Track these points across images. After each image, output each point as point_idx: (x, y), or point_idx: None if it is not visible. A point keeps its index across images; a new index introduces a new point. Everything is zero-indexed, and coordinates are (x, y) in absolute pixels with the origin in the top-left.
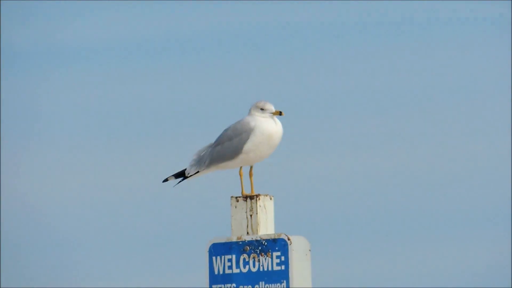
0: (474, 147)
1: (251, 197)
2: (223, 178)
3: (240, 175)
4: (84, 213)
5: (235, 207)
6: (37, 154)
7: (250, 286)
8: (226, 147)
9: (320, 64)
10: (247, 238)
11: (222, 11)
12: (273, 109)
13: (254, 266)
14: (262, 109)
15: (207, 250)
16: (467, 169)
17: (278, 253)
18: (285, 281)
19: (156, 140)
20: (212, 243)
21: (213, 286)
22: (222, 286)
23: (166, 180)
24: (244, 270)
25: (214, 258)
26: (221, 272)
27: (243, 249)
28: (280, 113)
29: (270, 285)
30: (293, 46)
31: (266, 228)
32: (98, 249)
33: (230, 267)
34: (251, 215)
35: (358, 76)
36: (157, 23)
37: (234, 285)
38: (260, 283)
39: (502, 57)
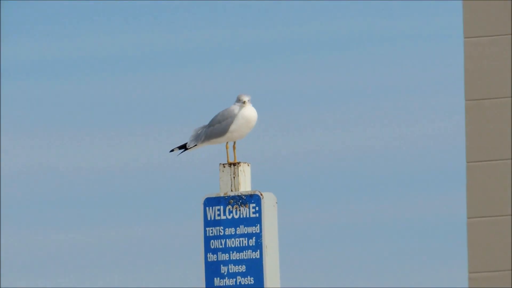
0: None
1: (234, 164)
2: (213, 150)
3: (226, 148)
4: (111, 178)
5: (223, 171)
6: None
7: (233, 228)
8: (217, 128)
9: (292, 64)
10: (231, 193)
11: (221, 21)
12: (247, 97)
13: (236, 214)
14: (243, 96)
15: (202, 202)
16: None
17: (254, 205)
18: (258, 225)
19: (164, 121)
20: (206, 197)
21: (206, 229)
22: (213, 228)
23: (172, 150)
24: (229, 217)
25: (207, 208)
26: (212, 219)
27: (228, 202)
28: (248, 99)
29: (248, 228)
30: (270, 54)
31: (245, 186)
32: (125, 198)
33: (219, 215)
34: (234, 177)
35: (318, 71)
36: (163, 31)
37: (221, 227)
38: (241, 226)
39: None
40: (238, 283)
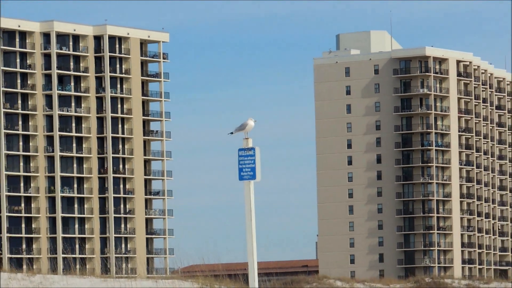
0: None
1: (247, 139)
2: (241, 135)
3: (245, 133)
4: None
5: (243, 140)
6: None
7: (247, 158)
8: (241, 126)
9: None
10: (247, 147)
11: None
12: (252, 119)
13: (247, 153)
14: (250, 119)
15: (238, 149)
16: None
17: (252, 150)
18: (254, 156)
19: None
20: (239, 148)
21: (239, 158)
22: (241, 157)
23: (228, 134)
24: (245, 154)
25: (240, 151)
26: (241, 155)
27: (245, 149)
28: (255, 121)
29: (250, 157)
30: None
31: (250, 145)
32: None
33: (242, 154)
34: (247, 142)
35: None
36: None
37: (243, 157)
38: (249, 157)
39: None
40: (247, 174)
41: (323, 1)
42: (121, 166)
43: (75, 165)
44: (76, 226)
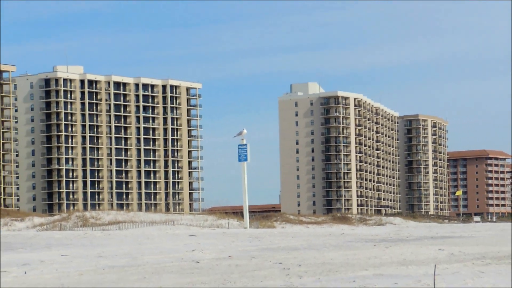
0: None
1: (243, 139)
2: (240, 137)
3: (242, 136)
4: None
5: (241, 140)
6: None
7: (243, 149)
8: (239, 133)
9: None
10: (242, 143)
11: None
12: (245, 129)
13: (243, 146)
14: (244, 129)
15: (238, 145)
16: None
17: (246, 145)
18: (246, 147)
19: (231, 129)
20: (239, 144)
21: (239, 148)
22: (240, 148)
23: (232, 137)
24: (242, 147)
25: (239, 145)
26: (240, 148)
27: (241, 145)
28: (245, 129)
29: (245, 149)
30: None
31: (244, 142)
32: None
33: (240, 147)
34: (243, 141)
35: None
36: None
37: (241, 149)
38: (244, 148)
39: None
40: (243, 158)
41: (283, 63)
42: (176, 154)
43: (151, 153)
44: (152, 186)
